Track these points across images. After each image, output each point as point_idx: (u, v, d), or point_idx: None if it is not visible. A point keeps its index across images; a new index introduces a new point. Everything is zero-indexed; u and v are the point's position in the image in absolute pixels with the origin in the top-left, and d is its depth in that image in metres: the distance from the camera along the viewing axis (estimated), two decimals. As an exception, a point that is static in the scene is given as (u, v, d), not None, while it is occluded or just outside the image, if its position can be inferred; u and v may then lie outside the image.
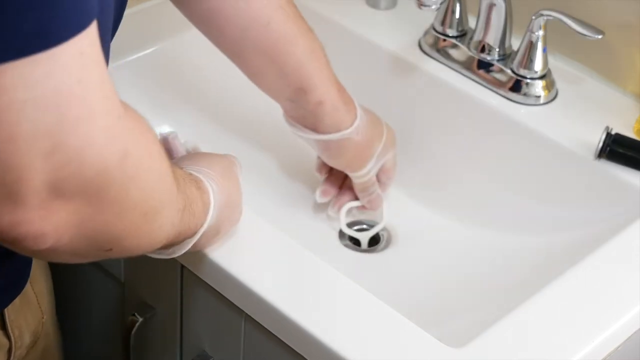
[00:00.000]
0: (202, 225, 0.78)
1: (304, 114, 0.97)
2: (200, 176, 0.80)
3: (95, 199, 0.60)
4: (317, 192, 1.06)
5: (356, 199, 1.06)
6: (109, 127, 0.59)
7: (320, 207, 1.10)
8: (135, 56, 1.11)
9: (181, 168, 0.79)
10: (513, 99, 1.08)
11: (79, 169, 0.58)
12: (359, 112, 0.98)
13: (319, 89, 0.95)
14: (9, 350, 0.83)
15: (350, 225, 1.08)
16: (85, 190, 0.59)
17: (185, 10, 0.95)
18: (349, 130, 0.97)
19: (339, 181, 1.07)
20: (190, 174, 0.79)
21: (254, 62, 0.95)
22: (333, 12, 1.20)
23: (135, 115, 0.64)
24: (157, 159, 0.66)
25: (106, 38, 0.65)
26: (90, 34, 0.57)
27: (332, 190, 1.06)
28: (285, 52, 0.93)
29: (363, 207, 1.07)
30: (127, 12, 1.16)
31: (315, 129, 0.97)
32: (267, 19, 0.92)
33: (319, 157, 1.05)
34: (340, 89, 0.97)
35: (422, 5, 1.02)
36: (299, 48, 0.93)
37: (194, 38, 1.14)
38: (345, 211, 1.06)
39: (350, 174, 1.03)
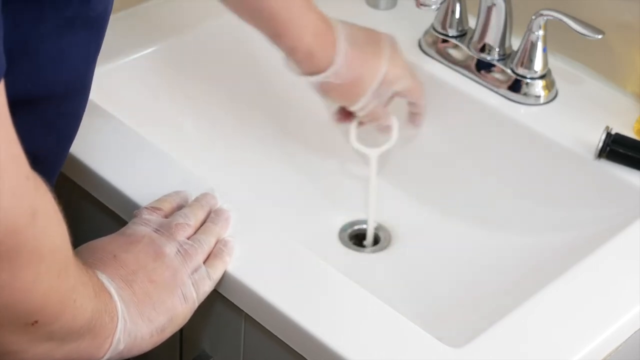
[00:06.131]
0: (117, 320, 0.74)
1: (286, 55, 0.98)
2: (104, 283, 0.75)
3: (7, 262, 0.59)
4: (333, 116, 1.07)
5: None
6: (16, 187, 0.57)
7: (320, 207, 1.10)
8: (135, 56, 1.11)
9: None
10: (513, 98, 1.08)
11: None
12: (340, 55, 0.98)
13: (291, 35, 0.96)
14: None
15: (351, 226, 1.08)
16: None
17: None
18: (323, 74, 0.98)
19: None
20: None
21: (235, 10, 0.97)
22: (333, 12, 1.19)
23: (37, 175, 0.62)
24: (60, 217, 0.65)
25: None
26: None
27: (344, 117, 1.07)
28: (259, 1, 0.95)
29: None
30: (128, 12, 1.17)
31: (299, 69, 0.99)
32: None
33: None
34: (319, 33, 0.97)
35: (421, 5, 1.02)
36: None
37: (194, 38, 1.14)
38: (355, 126, 1.06)
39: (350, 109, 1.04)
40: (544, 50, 1.06)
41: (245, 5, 0.96)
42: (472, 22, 1.12)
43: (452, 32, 1.13)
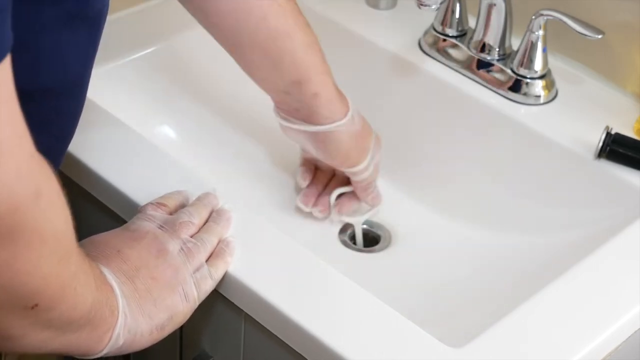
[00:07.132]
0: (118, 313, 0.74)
1: (298, 106, 0.96)
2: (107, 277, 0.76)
3: (9, 241, 0.58)
4: (298, 199, 1.05)
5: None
6: (20, 165, 0.57)
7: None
8: (135, 56, 1.11)
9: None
10: (513, 98, 1.08)
11: None
12: (351, 103, 0.98)
13: (315, 81, 0.94)
14: None
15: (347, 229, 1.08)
16: None
17: (185, 4, 0.95)
18: (344, 121, 0.96)
19: (320, 188, 1.06)
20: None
21: (249, 55, 0.95)
22: (333, 12, 1.20)
23: (42, 157, 0.62)
24: (64, 202, 0.64)
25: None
26: (1, 71, 0.55)
27: (313, 198, 1.05)
28: (281, 46, 0.92)
29: (352, 194, 1.06)
30: (127, 12, 1.17)
31: (309, 122, 0.96)
32: (263, 13, 0.91)
33: (302, 165, 1.05)
34: (334, 82, 0.96)
35: (422, 5, 1.02)
36: (295, 42, 0.93)
37: (194, 38, 1.14)
38: (334, 199, 1.05)
39: (349, 171, 1.01)
40: (544, 50, 1.06)
41: (265, 52, 0.93)
42: (472, 22, 1.12)
43: (452, 32, 1.13)
